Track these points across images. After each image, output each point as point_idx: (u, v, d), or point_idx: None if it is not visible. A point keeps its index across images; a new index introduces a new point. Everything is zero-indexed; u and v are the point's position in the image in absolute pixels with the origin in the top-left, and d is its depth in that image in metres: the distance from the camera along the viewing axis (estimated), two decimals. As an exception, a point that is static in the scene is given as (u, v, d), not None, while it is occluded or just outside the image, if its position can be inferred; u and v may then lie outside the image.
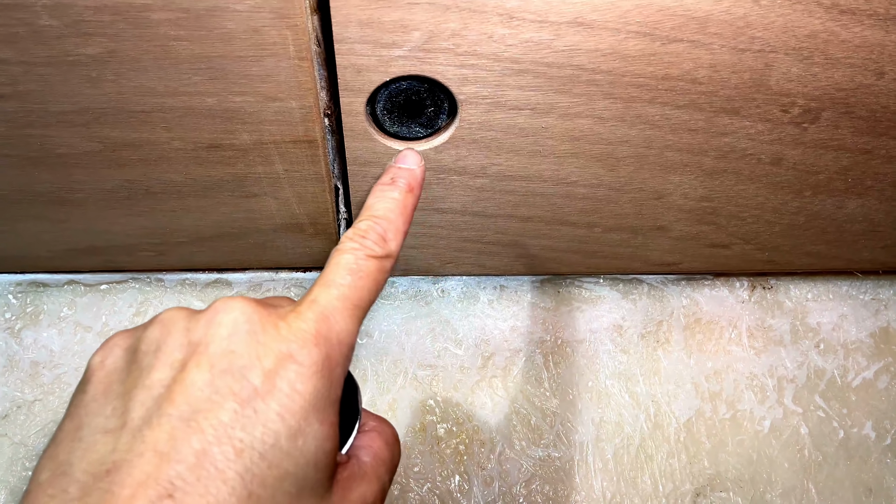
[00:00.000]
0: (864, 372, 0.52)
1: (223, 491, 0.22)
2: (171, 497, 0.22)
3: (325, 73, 0.35)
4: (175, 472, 0.22)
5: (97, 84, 0.34)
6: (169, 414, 0.23)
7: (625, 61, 0.33)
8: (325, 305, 0.27)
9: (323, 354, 0.25)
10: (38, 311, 0.51)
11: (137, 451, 0.23)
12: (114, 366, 0.27)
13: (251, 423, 0.24)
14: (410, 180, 0.33)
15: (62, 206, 0.43)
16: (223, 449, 0.23)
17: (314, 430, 0.25)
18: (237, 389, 0.24)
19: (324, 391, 0.25)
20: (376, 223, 0.30)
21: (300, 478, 0.24)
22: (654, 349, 0.51)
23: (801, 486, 0.48)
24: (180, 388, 0.24)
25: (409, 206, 0.32)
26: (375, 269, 0.29)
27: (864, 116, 0.37)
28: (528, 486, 0.47)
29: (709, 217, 0.45)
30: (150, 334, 0.27)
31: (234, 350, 0.25)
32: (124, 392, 0.25)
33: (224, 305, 0.26)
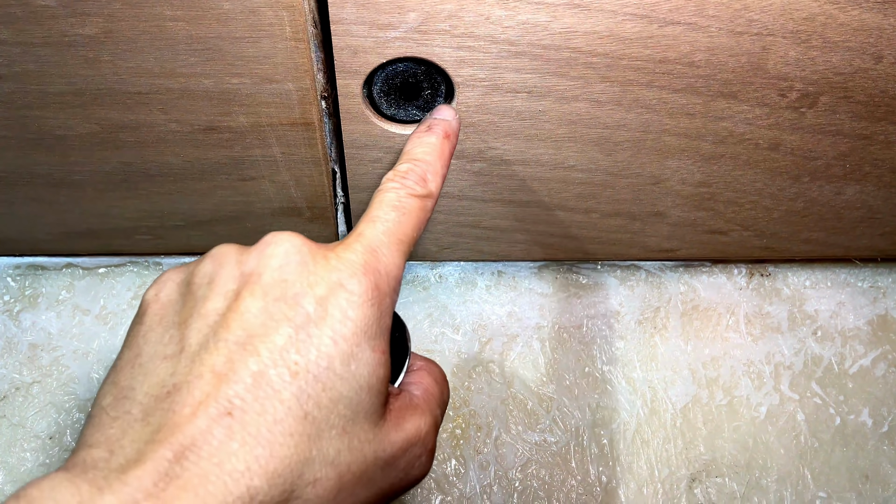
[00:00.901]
0: (861, 359, 0.52)
1: (280, 410, 0.23)
2: (230, 415, 0.23)
3: (322, 54, 0.35)
4: (233, 391, 0.23)
5: (94, 65, 0.34)
6: (225, 339, 0.24)
7: (622, 44, 0.33)
8: (371, 238, 0.27)
9: (372, 284, 0.26)
10: (37, 293, 0.51)
11: (196, 373, 0.24)
12: (168, 298, 0.27)
13: (305, 346, 0.24)
14: (446, 128, 0.33)
15: (60, 188, 0.43)
16: (279, 371, 0.24)
17: (366, 356, 0.25)
18: (291, 315, 0.25)
19: (374, 319, 0.26)
20: (416, 165, 0.31)
21: (354, 401, 0.25)
22: (652, 335, 0.51)
23: (796, 472, 0.48)
24: (235, 316, 0.25)
25: (447, 150, 0.32)
26: (417, 206, 0.29)
27: (863, 101, 0.37)
28: (524, 471, 0.47)
29: (707, 203, 0.45)
30: (203, 268, 0.27)
31: (287, 279, 0.26)
32: (180, 322, 0.26)
33: (274, 238, 0.27)
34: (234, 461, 0.22)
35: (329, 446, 0.24)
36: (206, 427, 0.22)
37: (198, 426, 0.22)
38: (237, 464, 0.22)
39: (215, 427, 0.22)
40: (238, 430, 0.22)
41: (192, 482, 0.21)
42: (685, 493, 0.47)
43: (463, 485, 0.46)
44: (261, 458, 0.22)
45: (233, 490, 0.21)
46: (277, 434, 0.23)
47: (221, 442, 0.22)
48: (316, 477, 0.23)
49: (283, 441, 0.23)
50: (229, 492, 0.21)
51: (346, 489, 0.25)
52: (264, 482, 0.22)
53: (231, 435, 0.22)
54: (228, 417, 0.22)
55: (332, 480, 0.24)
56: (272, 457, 0.22)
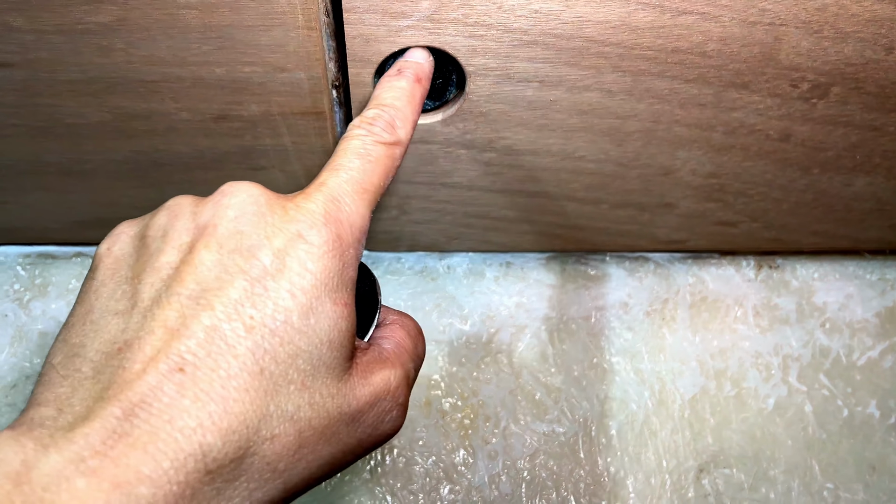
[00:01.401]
0: (869, 351, 0.52)
1: (234, 366, 0.22)
2: (182, 371, 0.22)
3: (334, 43, 0.35)
4: (185, 346, 0.22)
5: (107, 53, 0.34)
6: (178, 293, 0.24)
7: (634, 33, 0.33)
8: (333, 188, 0.26)
9: (333, 234, 0.25)
10: (47, 282, 0.51)
11: (148, 329, 0.23)
12: (121, 252, 0.26)
13: (261, 300, 0.24)
14: (417, 70, 0.32)
15: (70, 177, 0.43)
16: (233, 325, 0.23)
17: (327, 309, 0.25)
18: (247, 268, 0.24)
19: (335, 271, 0.25)
20: (384, 111, 0.30)
21: (314, 356, 0.24)
22: (660, 327, 0.51)
23: (804, 464, 0.48)
24: (189, 269, 0.24)
25: (417, 95, 0.31)
26: (385, 154, 0.28)
27: (874, 92, 0.37)
28: (533, 461, 0.47)
29: (716, 194, 0.45)
30: (157, 221, 0.27)
31: (243, 230, 0.25)
32: (133, 276, 0.25)
33: (230, 188, 0.26)
34: (185, 418, 0.21)
35: (287, 402, 0.23)
36: (157, 383, 0.22)
37: (148, 382, 0.22)
38: (189, 420, 0.21)
39: (166, 383, 0.22)
40: (190, 387, 0.22)
41: (141, 439, 0.21)
42: (693, 484, 0.47)
43: (471, 474, 0.46)
44: (214, 415, 0.22)
45: (184, 447, 0.21)
46: (231, 390, 0.22)
47: (172, 398, 0.21)
48: (274, 433, 0.23)
49: (237, 397, 0.22)
50: (181, 448, 0.21)
51: (306, 445, 0.24)
52: (217, 439, 0.21)
53: (182, 391, 0.22)
54: (180, 373, 0.22)
55: (292, 436, 0.23)
56: (226, 413, 0.22)
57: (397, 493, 0.46)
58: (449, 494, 0.46)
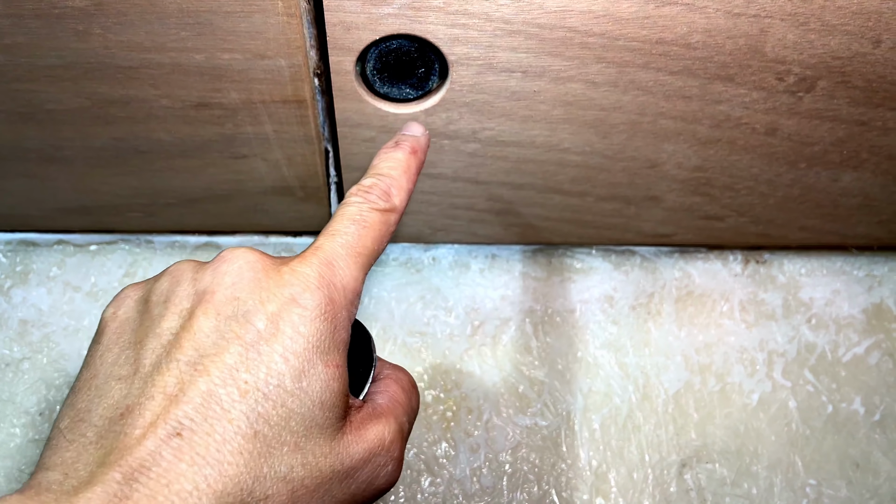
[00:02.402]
0: (855, 348, 0.51)
1: (229, 430, 0.23)
2: (180, 435, 0.23)
3: (315, 30, 0.34)
4: (183, 412, 0.23)
5: (84, 38, 0.34)
6: (177, 359, 0.25)
7: (618, 24, 0.33)
8: (328, 251, 0.27)
9: (326, 298, 0.26)
10: (28, 270, 0.50)
11: (148, 395, 0.24)
12: (125, 316, 0.28)
13: (255, 364, 0.24)
14: (414, 144, 0.33)
15: (51, 163, 0.43)
16: (228, 390, 0.24)
17: (318, 371, 0.25)
18: (242, 333, 0.25)
19: (327, 334, 0.26)
20: (380, 179, 0.31)
21: (306, 417, 0.25)
22: (645, 321, 0.51)
23: (787, 460, 0.48)
24: (188, 336, 0.25)
25: (413, 166, 0.32)
26: (379, 220, 0.29)
27: (861, 86, 0.37)
28: (515, 454, 0.47)
29: (702, 188, 0.44)
30: (160, 286, 0.28)
31: (239, 297, 0.26)
32: (136, 341, 0.26)
33: (229, 255, 0.27)
34: (182, 481, 0.22)
35: (281, 463, 0.24)
36: (155, 448, 0.23)
37: (147, 448, 0.23)
38: (185, 484, 0.22)
39: (164, 448, 0.23)
40: (187, 451, 0.23)
41: (140, 503, 0.22)
42: (675, 479, 0.47)
43: (453, 467, 0.46)
44: (209, 478, 0.23)
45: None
46: (226, 453, 0.23)
47: (170, 463, 0.22)
48: (267, 493, 0.24)
49: (231, 460, 0.23)
50: None
51: (299, 503, 0.25)
52: (213, 501, 0.22)
53: (180, 456, 0.23)
54: (177, 438, 0.23)
55: (285, 496, 0.24)
56: (221, 476, 0.23)
57: (378, 485, 0.45)
58: (430, 487, 0.45)
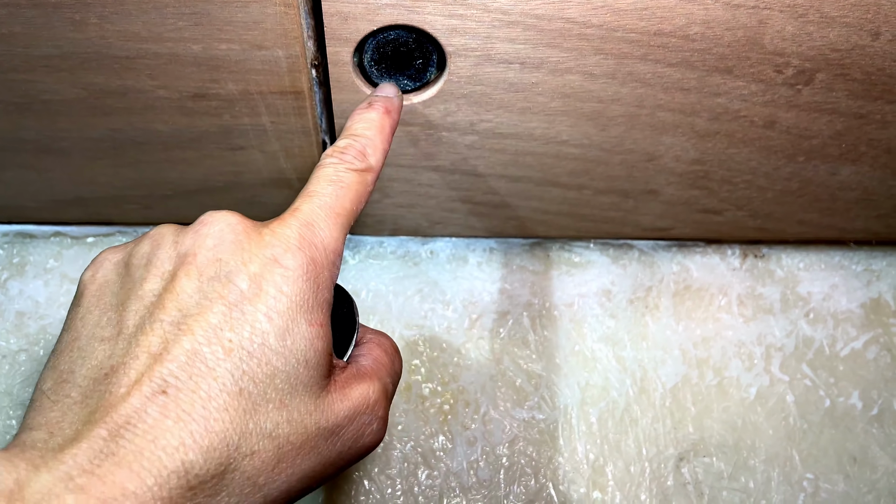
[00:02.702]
0: (853, 342, 0.51)
1: (214, 387, 0.24)
2: (165, 393, 0.23)
3: (312, 21, 0.34)
4: (167, 370, 0.24)
5: (81, 28, 0.33)
6: (161, 319, 0.25)
7: (616, 15, 0.32)
8: (307, 213, 0.28)
9: (307, 258, 0.27)
10: (25, 262, 0.50)
11: (132, 355, 0.24)
12: (104, 279, 0.28)
13: (239, 323, 0.25)
14: (387, 104, 0.33)
15: (48, 154, 0.42)
16: (213, 349, 0.24)
17: (302, 330, 0.26)
18: (224, 293, 0.25)
19: (310, 293, 0.26)
20: (355, 140, 0.31)
21: (291, 375, 0.25)
22: (643, 315, 0.51)
23: (784, 454, 0.48)
24: (171, 297, 0.25)
25: (387, 126, 0.32)
26: (356, 180, 0.30)
27: (859, 79, 0.37)
28: (512, 447, 0.47)
29: (701, 181, 0.44)
30: (141, 249, 0.28)
31: (221, 258, 0.26)
32: (118, 303, 0.27)
33: (210, 218, 0.28)
34: (168, 437, 0.23)
35: (266, 420, 0.25)
36: (141, 405, 0.23)
37: (132, 405, 0.23)
38: (171, 439, 0.22)
39: (149, 405, 0.23)
40: (172, 408, 0.23)
41: (126, 458, 0.22)
42: (672, 472, 0.47)
43: (450, 460, 0.46)
44: (195, 434, 0.23)
45: (167, 465, 0.22)
46: (212, 410, 0.23)
47: (156, 419, 0.23)
48: (253, 450, 0.24)
49: (217, 416, 0.23)
50: (164, 466, 0.22)
51: (285, 460, 0.25)
52: (199, 456, 0.23)
53: (165, 412, 0.23)
54: (163, 396, 0.23)
55: (271, 452, 0.25)
56: (207, 432, 0.23)
57: (374, 477, 0.45)
58: (426, 480, 0.45)
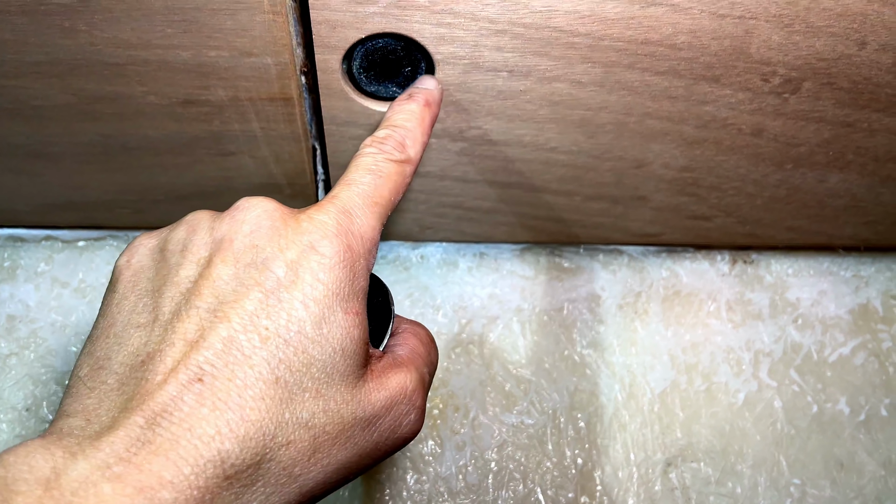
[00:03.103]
0: (841, 348, 0.52)
1: (250, 375, 0.23)
2: (201, 381, 0.23)
3: (301, 28, 0.34)
4: (203, 357, 0.23)
5: (70, 35, 0.33)
6: (197, 306, 0.25)
7: (603, 24, 0.33)
8: (345, 200, 0.27)
9: (344, 245, 0.26)
10: (15, 265, 0.50)
11: (169, 342, 0.24)
12: (139, 265, 0.28)
13: (276, 311, 0.25)
14: (428, 96, 0.33)
15: (39, 159, 0.42)
16: (249, 336, 0.24)
17: (339, 318, 0.25)
18: (261, 280, 0.25)
19: (346, 281, 0.26)
20: (394, 131, 0.31)
21: (327, 364, 0.25)
22: (632, 320, 0.51)
23: (771, 459, 0.48)
24: (207, 283, 0.25)
25: (427, 118, 0.32)
26: (395, 171, 0.29)
27: (846, 88, 0.37)
28: (501, 452, 0.47)
29: (690, 188, 0.45)
30: (176, 235, 0.28)
31: (258, 244, 0.26)
32: (153, 290, 0.26)
33: (247, 203, 0.27)
34: (204, 426, 0.22)
35: (302, 409, 0.24)
36: (177, 393, 0.23)
37: (168, 393, 0.23)
38: (207, 428, 0.22)
39: (186, 393, 0.23)
40: (209, 396, 0.23)
41: (163, 447, 0.22)
42: (660, 477, 0.47)
43: (438, 465, 0.46)
44: (231, 423, 0.23)
45: (203, 453, 0.22)
46: (248, 398, 0.23)
47: (192, 408, 0.23)
48: (289, 439, 0.24)
49: (253, 405, 0.23)
50: (200, 455, 0.22)
51: (321, 450, 0.25)
52: (235, 445, 0.22)
53: (201, 401, 0.23)
54: (199, 384, 0.23)
55: (307, 442, 0.24)
56: (243, 420, 0.23)
57: (363, 481, 0.45)
58: (415, 484, 0.46)
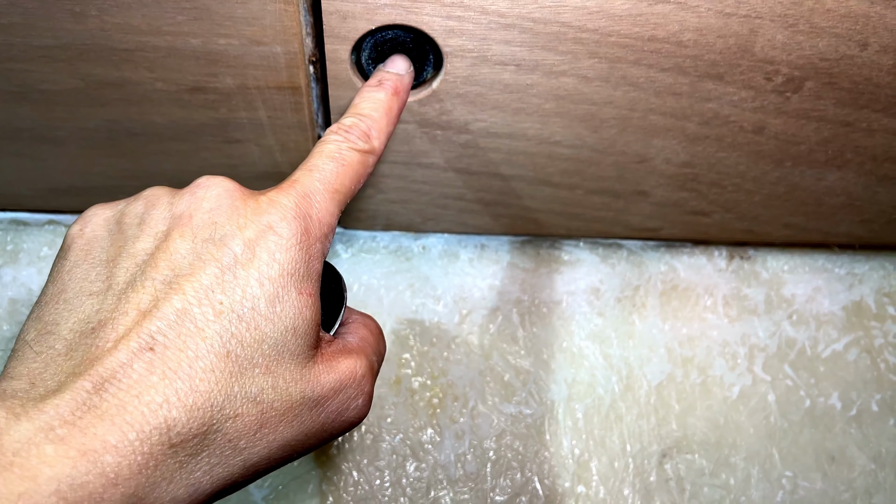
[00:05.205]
0: (834, 344, 0.52)
1: (202, 347, 0.24)
2: (152, 350, 0.23)
3: (311, 18, 0.34)
4: (156, 327, 0.24)
5: (80, 19, 0.34)
6: (153, 277, 0.25)
7: (611, 20, 0.33)
8: (306, 185, 0.28)
9: (302, 228, 0.27)
10: (18, 249, 0.51)
11: (122, 311, 0.24)
12: (93, 234, 0.28)
13: (231, 287, 0.25)
14: (397, 83, 0.33)
15: (43, 143, 0.43)
16: (203, 309, 0.24)
17: (292, 298, 0.26)
18: (218, 256, 0.25)
19: (302, 263, 0.26)
20: (361, 120, 0.31)
21: (279, 342, 0.25)
22: (630, 313, 0.52)
23: (764, 451, 0.49)
24: (164, 255, 0.25)
25: (395, 108, 0.33)
26: (357, 160, 0.30)
27: (847, 88, 0.37)
28: (499, 441, 0.47)
29: (690, 184, 0.45)
30: (134, 209, 0.28)
31: (217, 221, 0.26)
32: (108, 259, 0.26)
33: (206, 182, 0.28)
34: (152, 393, 0.22)
35: (252, 384, 0.25)
36: (127, 360, 0.23)
37: (118, 359, 0.23)
38: (155, 396, 0.22)
39: (136, 361, 0.23)
40: (158, 365, 0.23)
41: (109, 412, 0.22)
42: (656, 468, 0.48)
43: (438, 453, 0.47)
44: (180, 392, 0.23)
45: (150, 420, 0.22)
46: (198, 370, 0.23)
47: (141, 375, 0.23)
48: (237, 412, 0.24)
49: (203, 377, 0.23)
50: (146, 422, 0.22)
51: (268, 425, 0.25)
52: (182, 414, 0.23)
53: (151, 369, 0.23)
54: (150, 352, 0.23)
55: (254, 417, 0.25)
56: (192, 391, 0.23)
57: (363, 469, 0.46)
58: (414, 472, 0.46)
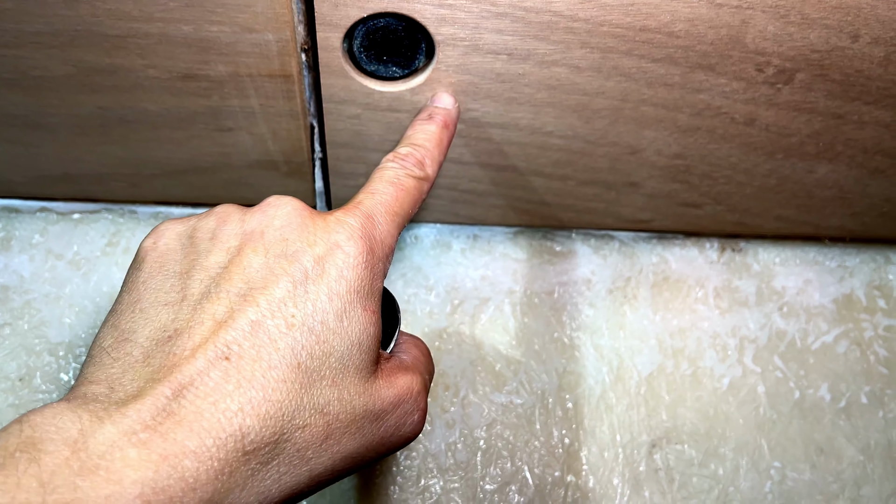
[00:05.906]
0: (824, 336, 0.53)
1: (275, 357, 0.25)
2: (227, 359, 0.24)
3: (303, 6, 0.34)
4: (231, 337, 0.25)
5: (72, 5, 0.34)
6: (227, 290, 0.26)
7: (603, 10, 0.33)
8: (369, 207, 0.29)
9: (367, 247, 0.28)
10: (10, 236, 0.50)
11: (198, 320, 0.25)
12: (166, 247, 0.29)
13: (302, 301, 0.26)
14: (446, 117, 0.36)
15: (36, 130, 0.43)
16: (276, 322, 0.25)
17: (358, 314, 0.27)
18: (290, 271, 0.26)
19: (367, 281, 0.28)
20: (415, 149, 0.33)
21: (345, 356, 0.27)
22: (622, 304, 0.52)
23: (753, 442, 0.49)
24: (237, 269, 0.27)
25: (445, 140, 0.35)
26: (414, 186, 0.32)
27: (838, 80, 0.37)
28: (489, 431, 0.48)
29: (681, 175, 0.45)
30: (206, 224, 0.29)
31: (288, 238, 0.27)
32: (181, 272, 0.28)
33: (277, 201, 0.29)
34: (228, 401, 0.23)
35: (319, 395, 0.26)
36: (204, 368, 0.24)
37: (196, 367, 0.24)
38: (231, 404, 0.23)
39: (212, 369, 0.24)
40: (234, 374, 0.24)
41: (187, 418, 0.23)
42: (645, 458, 0.48)
43: (428, 442, 0.47)
44: (254, 401, 0.24)
45: (226, 427, 0.23)
46: (271, 380, 0.24)
47: (217, 383, 0.24)
48: (306, 423, 0.25)
49: (276, 386, 0.24)
50: (222, 429, 0.23)
51: (333, 437, 0.26)
52: (256, 422, 0.24)
53: (227, 377, 0.24)
54: (226, 361, 0.24)
55: (321, 427, 0.25)
56: (265, 400, 0.24)
57: (354, 457, 0.46)
58: (405, 461, 0.46)
